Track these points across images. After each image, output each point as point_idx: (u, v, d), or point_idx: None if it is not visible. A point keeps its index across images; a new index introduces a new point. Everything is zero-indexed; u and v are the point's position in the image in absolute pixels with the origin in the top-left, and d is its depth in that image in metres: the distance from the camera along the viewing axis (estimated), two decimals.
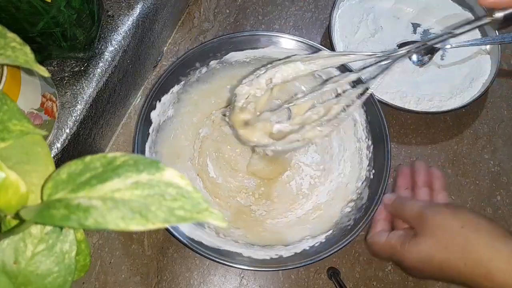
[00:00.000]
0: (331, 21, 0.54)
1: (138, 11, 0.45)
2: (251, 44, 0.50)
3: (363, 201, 0.46)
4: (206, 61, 0.49)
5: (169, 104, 0.48)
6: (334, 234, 0.45)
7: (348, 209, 0.47)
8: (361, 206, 0.46)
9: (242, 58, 0.50)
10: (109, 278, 0.45)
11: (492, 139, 0.55)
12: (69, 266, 0.20)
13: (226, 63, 0.50)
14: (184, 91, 0.49)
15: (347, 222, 0.45)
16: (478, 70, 0.55)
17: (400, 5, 0.60)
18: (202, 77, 0.50)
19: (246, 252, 0.43)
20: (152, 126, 0.46)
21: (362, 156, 0.49)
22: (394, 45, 0.57)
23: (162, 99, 0.47)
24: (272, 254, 0.43)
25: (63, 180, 0.18)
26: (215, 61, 0.49)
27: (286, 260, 0.43)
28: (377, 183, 0.46)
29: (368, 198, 0.46)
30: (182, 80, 0.48)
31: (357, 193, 0.47)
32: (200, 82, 0.50)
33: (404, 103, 0.52)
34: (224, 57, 0.50)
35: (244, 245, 0.44)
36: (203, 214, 0.17)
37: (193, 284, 0.46)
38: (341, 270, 0.47)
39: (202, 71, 0.49)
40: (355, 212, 0.45)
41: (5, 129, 0.18)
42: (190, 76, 0.49)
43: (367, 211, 0.44)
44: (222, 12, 0.59)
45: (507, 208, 0.52)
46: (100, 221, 0.16)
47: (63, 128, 0.39)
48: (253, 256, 0.43)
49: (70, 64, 0.41)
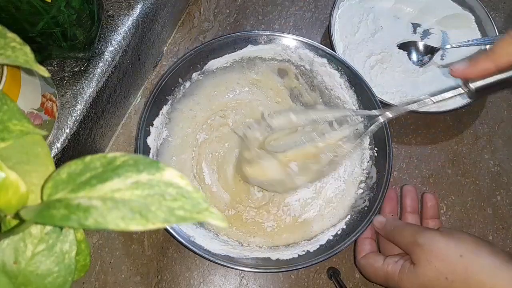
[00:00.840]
0: (331, 21, 0.54)
1: (138, 11, 0.45)
2: (229, 48, 0.50)
3: (373, 180, 0.47)
4: (188, 75, 0.49)
5: (161, 126, 0.48)
6: (354, 218, 0.46)
7: (361, 190, 0.47)
8: (372, 185, 0.46)
9: (222, 64, 0.50)
10: (109, 278, 0.45)
11: (492, 139, 0.55)
12: (69, 266, 0.20)
13: (207, 72, 0.50)
14: (173, 110, 0.49)
15: (362, 204, 0.46)
16: None
17: (400, 5, 0.60)
18: (187, 92, 0.50)
19: (274, 255, 0.44)
20: (151, 152, 0.46)
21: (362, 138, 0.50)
22: (394, 45, 0.57)
23: (154, 122, 0.47)
24: (299, 251, 0.44)
25: (63, 180, 0.18)
26: (196, 73, 0.49)
27: (314, 254, 0.43)
28: (383, 159, 0.46)
29: (377, 177, 0.46)
30: (169, 100, 0.48)
31: (366, 174, 0.48)
32: (187, 97, 0.50)
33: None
34: (204, 67, 0.50)
35: (269, 249, 0.45)
36: (203, 214, 0.17)
37: (193, 284, 0.46)
38: (341, 270, 0.47)
39: (186, 85, 0.49)
40: (368, 193, 0.46)
41: (5, 129, 0.18)
42: (176, 93, 0.49)
43: (380, 188, 0.45)
44: (222, 12, 0.59)
45: (507, 208, 0.52)
46: (100, 221, 0.16)
47: (63, 128, 0.39)
48: (281, 257, 0.43)
49: (70, 64, 0.41)
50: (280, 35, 0.50)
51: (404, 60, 0.56)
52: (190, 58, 0.48)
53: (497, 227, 0.51)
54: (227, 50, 0.50)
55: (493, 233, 0.51)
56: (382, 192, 0.45)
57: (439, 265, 0.36)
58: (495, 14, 0.63)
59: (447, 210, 0.51)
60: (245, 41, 0.50)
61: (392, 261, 0.40)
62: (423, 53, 0.56)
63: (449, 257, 0.36)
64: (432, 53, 0.56)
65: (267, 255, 0.44)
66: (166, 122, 0.48)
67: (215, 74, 0.51)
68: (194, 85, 0.50)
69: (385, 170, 0.46)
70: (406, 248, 0.39)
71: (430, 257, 0.36)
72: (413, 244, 0.38)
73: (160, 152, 0.47)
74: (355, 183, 0.48)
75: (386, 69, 0.55)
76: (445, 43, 0.57)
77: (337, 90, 0.51)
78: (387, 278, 0.39)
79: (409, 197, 0.47)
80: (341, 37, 0.56)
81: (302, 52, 0.50)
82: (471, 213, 0.51)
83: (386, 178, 0.45)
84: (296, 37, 0.50)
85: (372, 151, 0.48)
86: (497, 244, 0.50)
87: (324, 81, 0.51)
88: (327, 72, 0.50)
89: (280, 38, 0.50)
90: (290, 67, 0.52)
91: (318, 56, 0.50)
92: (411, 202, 0.47)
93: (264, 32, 0.50)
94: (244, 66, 0.52)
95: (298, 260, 0.43)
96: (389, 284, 0.39)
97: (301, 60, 0.51)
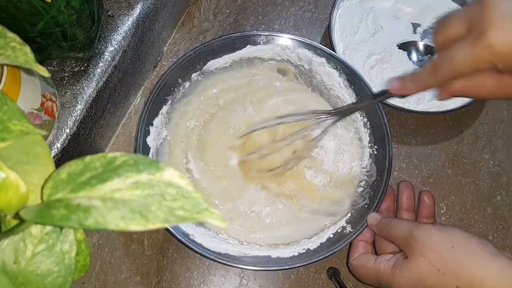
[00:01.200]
0: (331, 21, 0.54)
1: (138, 11, 0.45)
2: (228, 49, 0.50)
3: (373, 177, 0.47)
4: (187, 75, 0.49)
5: (161, 126, 0.48)
6: (354, 216, 0.46)
7: (361, 188, 0.47)
8: (372, 182, 0.46)
9: (222, 64, 0.51)
10: (109, 278, 0.45)
11: (492, 139, 0.55)
12: (69, 266, 0.20)
13: (207, 72, 0.50)
14: (172, 110, 0.49)
15: (363, 202, 0.46)
16: None
17: (400, 5, 0.60)
18: (187, 92, 0.50)
19: (274, 253, 0.44)
20: (151, 152, 0.46)
21: (362, 136, 0.50)
22: (394, 45, 0.57)
23: (154, 122, 0.47)
24: (299, 249, 0.44)
25: (63, 180, 0.18)
26: (196, 73, 0.50)
27: (314, 252, 0.43)
28: (383, 157, 0.46)
29: (377, 174, 0.46)
30: (169, 100, 0.48)
31: (365, 172, 0.48)
32: (186, 97, 0.50)
33: (404, 103, 0.52)
34: (204, 68, 0.50)
35: (269, 247, 0.45)
36: (203, 214, 0.17)
37: (193, 284, 0.46)
38: (341, 270, 0.47)
39: (185, 86, 0.50)
40: (368, 190, 0.46)
41: (5, 129, 0.18)
42: (175, 93, 0.49)
43: (380, 186, 0.45)
44: (222, 12, 0.59)
45: (507, 208, 0.52)
46: (100, 221, 0.16)
47: (63, 128, 0.39)
48: (281, 255, 0.43)
49: (70, 64, 0.41)
50: (279, 35, 0.50)
51: (404, 60, 0.56)
52: (190, 58, 0.48)
53: (497, 227, 0.51)
54: (226, 51, 0.50)
55: (493, 233, 0.51)
56: (382, 190, 0.45)
57: (432, 257, 0.36)
58: None
59: (447, 210, 0.51)
60: (244, 41, 0.50)
61: (384, 259, 0.40)
62: (423, 53, 0.56)
63: (441, 248, 0.36)
64: (432, 53, 0.56)
65: (268, 253, 0.44)
66: (166, 122, 0.48)
67: (214, 74, 0.51)
68: (193, 85, 0.50)
69: (385, 167, 0.46)
70: (401, 242, 0.39)
71: (424, 248, 0.37)
72: (408, 237, 0.38)
73: (159, 152, 0.47)
74: (355, 181, 0.48)
75: (386, 69, 0.55)
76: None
77: (336, 89, 0.51)
78: (379, 277, 0.39)
79: (406, 195, 0.47)
80: (341, 37, 0.56)
81: (301, 52, 0.50)
82: (471, 213, 0.51)
83: (386, 175, 0.45)
84: (295, 37, 0.50)
85: (372, 149, 0.48)
86: (497, 244, 0.50)
87: (323, 80, 0.51)
88: (326, 71, 0.50)
89: (279, 38, 0.50)
90: (289, 67, 0.52)
91: (316, 55, 0.50)
92: (407, 200, 0.46)
93: (263, 32, 0.50)
94: (243, 66, 0.52)
95: (299, 258, 0.43)
96: (381, 283, 0.39)
97: (300, 60, 0.51)
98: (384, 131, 0.47)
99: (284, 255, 0.43)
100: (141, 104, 0.53)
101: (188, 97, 0.50)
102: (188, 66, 0.49)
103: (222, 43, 0.50)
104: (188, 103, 0.50)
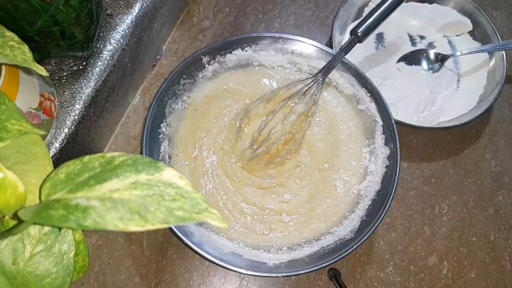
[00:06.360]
0: (333, 31, 0.53)
1: (137, 9, 0.45)
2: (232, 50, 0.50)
3: (380, 176, 0.47)
4: (189, 76, 0.49)
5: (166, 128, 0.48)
6: (363, 219, 0.45)
7: (368, 188, 0.47)
8: (381, 181, 0.46)
9: (225, 66, 0.50)
10: (108, 279, 0.45)
11: (494, 139, 0.55)
12: (67, 267, 0.20)
13: (209, 74, 0.50)
14: (177, 110, 0.49)
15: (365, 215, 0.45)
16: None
17: (406, 17, 0.59)
18: (190, 92, 0.50)
19: (275, 258, 0.43)
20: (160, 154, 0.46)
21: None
22: (396, 58, 0.56)
23: (161, 125, 0.47)
24: (316, 247, 0.44)
25: (61, 180, 0.18)
26: (198, 74, 0.50)
27: (316, 259, 0.43)
28: (392, 156, 0.46)
29: (386, 170, 0.46)
30: (172, 100, 0.48)
31: (371, 170, 0.48)
32: (189, 98, 0.50)
33: (416, 122, 0.51)
34: (205, 69, 0.50)
35: (272, 251, 0.45)
36: (202, 214, 0.16)
37: (193, 285, 0.46)
38: (341, 271, 0.47)
39: (188, 86, 0.49)
40: (376, 189, 0.46)
41: (3, 128, 0.18)
42: (178, 93, 0.49)
43: (388, 184, 0.45)
44: (221, 11, 0.59)
45: (509, 208, 0.52)
46: (98, 221, 0.15)
47: (61, 128, 0.39)
48: (282, 260, 0.43)
49: (69, 63, 0.41)
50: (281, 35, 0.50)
51: (411, 71, 0.56)
52: (193, 61, 0.48)
53: (499, 227, 0.51)
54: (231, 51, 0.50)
55: (495, 233, 0.50)
56: (391, 191, 0.44)
57: None
58: (496, 13, 0.63)
59: (449, 210, 0.51)
60: (246, 43, 0.50)
61: None
62: (433, 61, 0.56)
63: None
64: (442, 60, 0.56)
65: (268, 258, 0.43)
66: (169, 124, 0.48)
67: (216, 76, 0.51)
68: (195, 85, 0.50)
69: (393, 168, 0.45)
70: None
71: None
72: None
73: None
74: (361, 180, 0.48)
75: (393, 85, 0.54)
76: (454, 51, 0.57)
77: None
78: None
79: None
80: (341, 36, 0.56)
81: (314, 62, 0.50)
82: (473, 213, 0.51)
83: (394, 175, 0.45)
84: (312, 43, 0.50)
85: (382, 148, 0.48)
86: (499, 244, 0.50)
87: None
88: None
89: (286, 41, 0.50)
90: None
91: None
92: None
93: (264, 33, 0.50)
94: (246, 69, 0.51)
95: (299, 265, 0.42)
96: None
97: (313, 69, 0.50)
98: (391, 128, 0.47)
99: (285, 259, 0.43)
100: (140, 104, 0.53)
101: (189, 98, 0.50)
102: (190, 67, 0.49)
103: (229, 42, 0.49)
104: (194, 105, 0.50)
